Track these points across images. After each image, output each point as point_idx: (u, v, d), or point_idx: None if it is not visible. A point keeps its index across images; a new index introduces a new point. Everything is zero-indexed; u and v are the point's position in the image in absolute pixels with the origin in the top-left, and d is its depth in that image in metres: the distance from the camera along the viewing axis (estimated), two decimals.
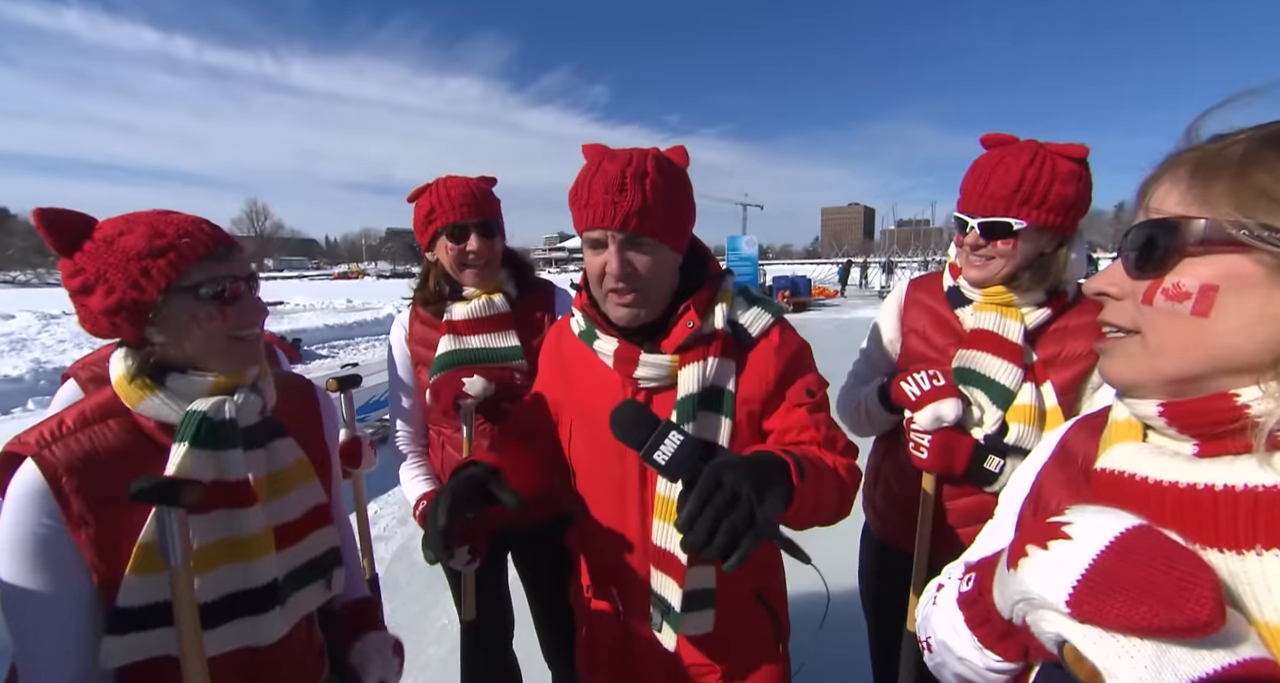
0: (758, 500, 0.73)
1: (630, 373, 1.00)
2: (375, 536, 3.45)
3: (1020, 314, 1.18)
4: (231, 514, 0.87)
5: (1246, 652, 0.39)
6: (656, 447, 0.76)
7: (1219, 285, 0.45)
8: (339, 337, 12.31)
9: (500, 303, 1.46)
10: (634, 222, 0.92)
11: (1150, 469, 0.48)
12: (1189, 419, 0.48)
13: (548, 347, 1.18)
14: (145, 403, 0.84)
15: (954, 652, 0.60)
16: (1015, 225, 1.11)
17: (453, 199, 1.39)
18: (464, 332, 1.44)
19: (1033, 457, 0.71)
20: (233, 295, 0.87)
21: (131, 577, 0.80)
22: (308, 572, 0.97)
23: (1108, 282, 0.54)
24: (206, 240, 0.85)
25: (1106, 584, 0.42)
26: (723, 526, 0.70)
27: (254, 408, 0.91)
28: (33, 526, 0.77)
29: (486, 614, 1.63)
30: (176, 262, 0.82)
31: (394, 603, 2.80)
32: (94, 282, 0.81)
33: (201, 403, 0.85)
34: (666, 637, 1.01)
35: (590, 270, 0.98)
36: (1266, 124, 0.47)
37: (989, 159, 1.16)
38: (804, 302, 17.90)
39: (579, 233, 0.98)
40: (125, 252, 0.80)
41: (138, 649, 0.82)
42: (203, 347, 0.86)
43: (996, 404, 1.16)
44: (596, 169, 0.94)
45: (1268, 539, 0.42)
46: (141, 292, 0.81)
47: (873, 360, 1.45)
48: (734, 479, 0.73)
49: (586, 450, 1.08)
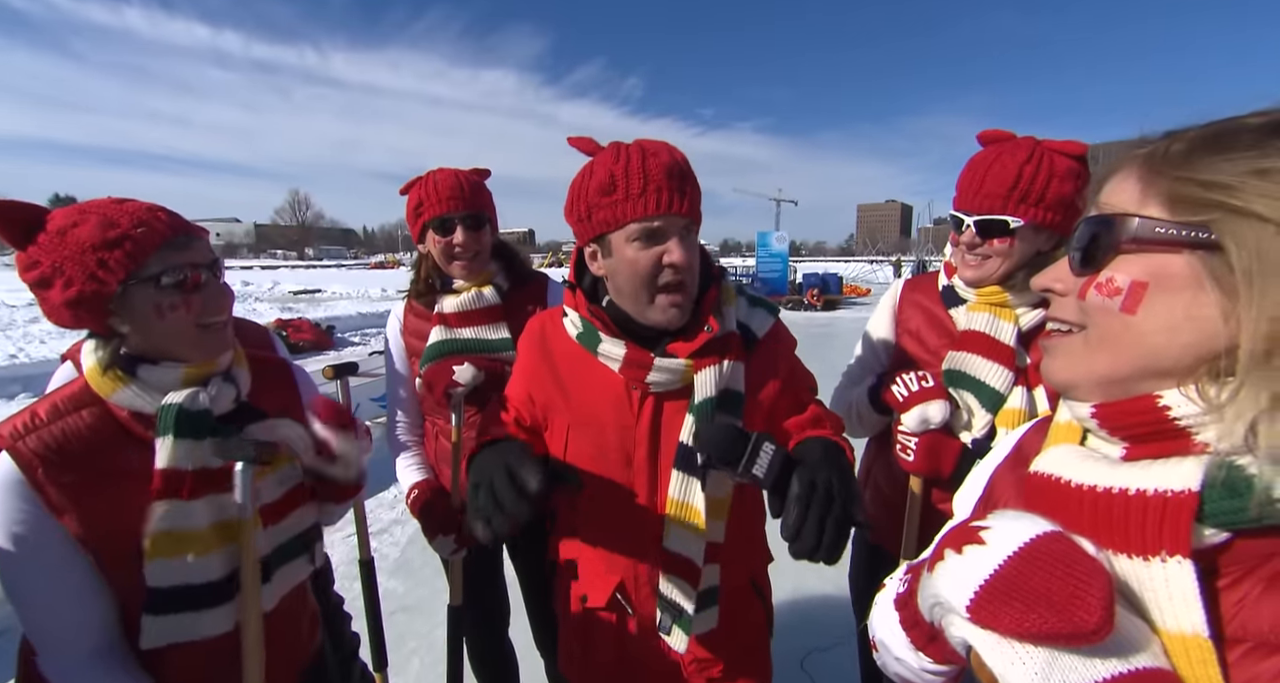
0: (847, 494, 0.76)
1: (641, 378, 0.96)
2: (392, 519, 3.56)
3: (1014, 315, 1.16)
4: (222, 499, 0.88)
5: (1141, 661, 0.39)
6: (754, 461, 0.76)
7: (1148, 283, 0.45)
8: (371, 324, 12.63)
9: (490, 295, 1.47)
10: (697, 208, 0.92)
11: (1074, 472, 0.48)
12: (1116, 421, 0.47)
13: (530, 341, 1.13)
14: (118, 394, 0.84)
15: (891, 652, 0.61)
16: (1012, 223, 1.09)
17: (439, 192, 1.40)
18: (454, 324, 1.45)
19: (991, 455, 0.70)
20: (194, 283, 0.86)
21: (152, 563, 0.83)
22: (291, 547, 1.00)
23: (1054, 277, 0.53)
24: (164, 228, 0.84)
25: (1005, 591, 0.42)
26: (828, 525, 0.73)
27: (228, 396, 0.92)
28: (13, 514, 0.78)
29: (480, 601, 1.67)
30: (133, 251, 0.81)
31: (407, 585, 2.89)
32: (51, 275, 0.80)
33: (176, 395, 0.86)
34: (677, 640, 0.99)
35: (635, 267, 0.92)
36: (1212, 122, 0.46)
37: (986, 156, 1.14)
38: (835, 300, 17.63)
39: (611, 226, 0.92)
40: (80, 243, 0.79)
41: (171, 632, 0.84)
42: (169, 336, 0.86)
43: (986, 408, 1.14)
44: (642, 156, 0.90)
45: (1172, 545, 0.41)
46: (101, 284, 0.80)
47: (865, 361, 1.44)
48: (826, 479, 0.75)
49: (588, 456, 1.02)
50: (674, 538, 0.96)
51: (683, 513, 0.95)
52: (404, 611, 2.67)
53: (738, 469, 0.76)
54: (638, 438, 1.00)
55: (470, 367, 1.37)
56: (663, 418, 0.99)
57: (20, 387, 6.67)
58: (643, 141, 0.94)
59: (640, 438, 0.99)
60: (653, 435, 0.99)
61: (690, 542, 0.95)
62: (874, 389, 1.28)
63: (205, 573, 0.86)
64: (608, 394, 1.01)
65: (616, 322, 0.99)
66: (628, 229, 0.90)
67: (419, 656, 2.38)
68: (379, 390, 1.72)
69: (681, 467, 0.95)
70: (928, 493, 1.25)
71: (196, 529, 0.85)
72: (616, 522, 1.03)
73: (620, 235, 0.92)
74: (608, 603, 1.06)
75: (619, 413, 1.00)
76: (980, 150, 1.17)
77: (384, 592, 2.82)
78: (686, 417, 0.96)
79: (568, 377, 1.05)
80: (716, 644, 1.06)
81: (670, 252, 0.90)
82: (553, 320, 1.11)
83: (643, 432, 0.99)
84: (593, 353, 1.00)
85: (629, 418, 1.00)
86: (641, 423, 0.99)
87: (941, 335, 1.28)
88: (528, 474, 0.77)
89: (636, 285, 0.93)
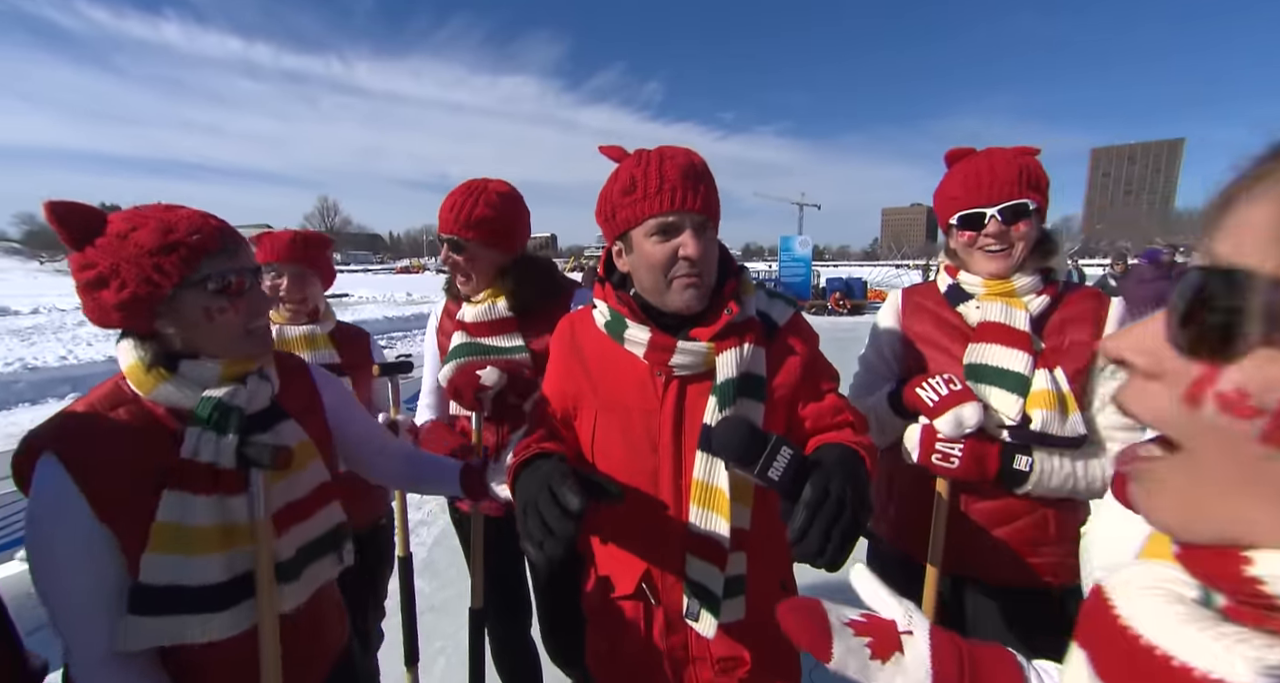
0: (858, 504, 0.76)
1: (665, 361, 1.00)
2: (419, 521, 3.63)
3: (1024, 303, 1.22)
4: (229, 502, 0.89)
5: None
6: (770, 464, 0.76)
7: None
8: (397, 328, 12.86)
9: (501, 308, 1.50)
10: (711, 206, 0.98)
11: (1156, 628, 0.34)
12: (1202, 576, 0.34)
13: (560, 340, 1.17)
14: (159, 390, 0.86)
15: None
16: (1030, 206, 1.18)
17: (442, 211, 1.46)
18: (471, 332, 1.53)
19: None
20: (239, 288, 0.90)
21: (150, 555, 0.82)
22: (319, 546, 1.01)
23: (1135, 346, 0.35)
24: (215, 236, 0.88)
25: None
26: (834, 533, 0.73)
27: (265, 393, 0.95)
28: (57, 514, 0.79)
29: (503, 601, 1.69)
30: (188, 257, 0.84)
31: (433, 586, 2.93)
32: (108, 276, 0.82)
33: (216, 390, 0.88)
34: (705, 625, 1.00)
35: (652, 260, 0.97)
36: None
37: (976, 160, 1.25)
38: (859, 304, 17.44)
39: (632, 224, 0.98)
40: (139, 247, 0.82)
41: (157, 634, 0.83)
42: (216, 338, 0.89)
43: (1016, 393, 1.15)
44: (660, 159, 0.96)
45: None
46: (155, 286, 0.83)
47: (875, 370, 1.43)
48: (839, 488, 0.76)
49: (615, 441, 1.06)
50: (699, 520, 0.98)
51: (707, 495, 0.97)
52: (431, 610, 2.71)
53: (754, 471, 0.76)
54: (662, 421, 1.03)
55: (494, 370, 1.41)
56: (686, 401, 1.02)
57: (70, 387, 6.99)
58: (665, 147, 1.00)
59: (665, 421, 1.02)
60: (677, 419, 1.02)
61: (716, 523, 0.97)
62: (894, 395, 1.27)
63: (202, 575, 0.85)
64: (633, 379, 1.05)
65: (643, 310, 1.04)
66: (646, 225, 0.97)
67: (445, 655, 2.41)
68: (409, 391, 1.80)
69: (705, 448, 0.97)
70: (955, 498, 1.24)
71: (199, 526, 0.86)
72: (642, 506, 1.05)
73: (640, 232, 0.98)
74: (634, 592, 1.08)
75: (644, 397, 1.04)
76: (963, 160, 1.28)
77: None
78: (710, 398, 0.98)
79: (595, 366, 1.09)
80: (746, 641, 1.05)
81: (685, 245, 0.95)
82: (581, 317, 1.16)
83: (667, 415, 1.02)
84: (619, 341, 1.05)
85: (654, 402, 1.03)
86: (666, 407, 1.02)
87: (954, 334, 1.29)
88: (568, 495, 0.80)
89: (655, 277, 0.98)
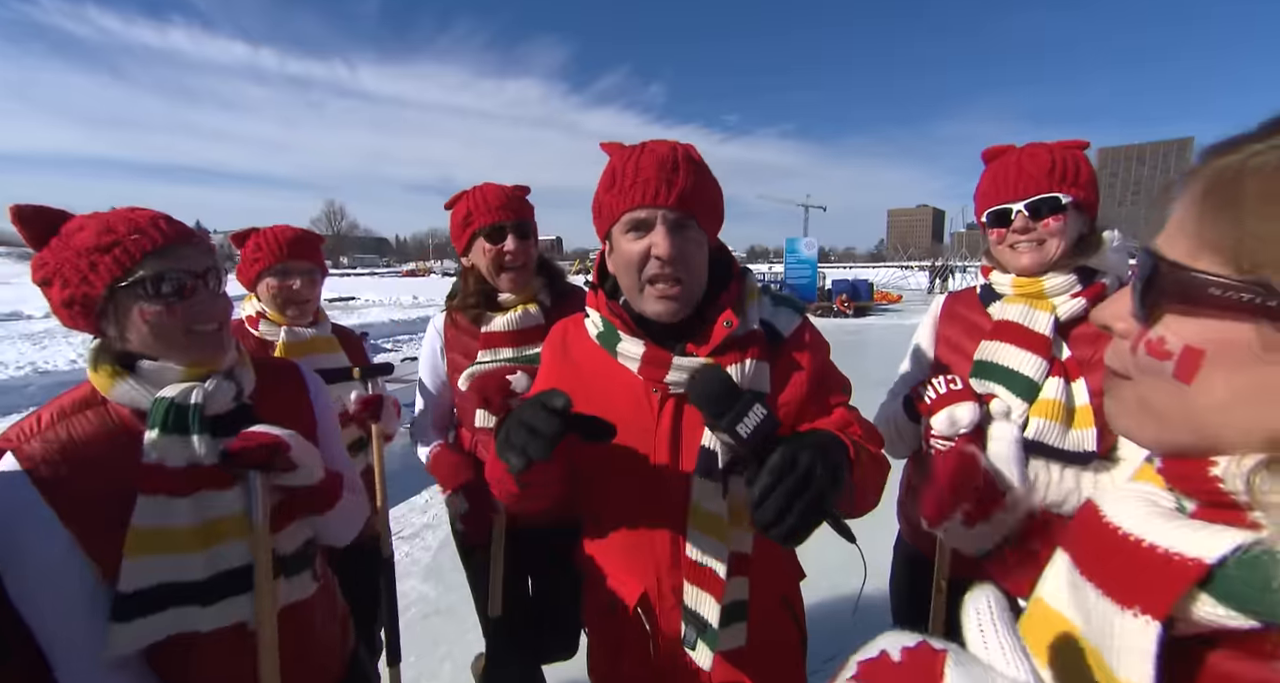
0: (829, 483, 0.72)
1: (660, 378, 0.92)
2: (424, 524, 3.61)
3: (1051, 305, 1.15)
4: (210, 497, 0.88)
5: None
6: (740, 419, 0.73)
7: (1204, 351, 0.37)
8: (403, 331, 12.90)
9: (535, 313, 1.48)
10: (688, 201, 0.89)
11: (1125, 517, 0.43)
12: (1176, 482, 0.42)
13: (552, 347, 1.10)
14: (116, 389, 0.85)
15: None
16: (1063, 199, 1.12)
17: (489, 201, 1.43)
18: (500, 344, 1.46)
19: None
20: (182, 290, 0.87)
21: (129, 562, 0.81)
22: (292, 563, 0.97)
23: (1114, 314, 0.46)
24: (157, 236, 0.85)
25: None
26: (795, 506, 0.69)
27: (226, 394, 0.92)
28: (18, 516, 0.78)
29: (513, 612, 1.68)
30: (120, 257, 0.82)
31: (438, 590, 2.92)
32: (51, 276, 0.82)
33: (170, 389, 0.86)
34: (702, 656, 0.95)
35: (627, 258, 0.92)
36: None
37: (1007, 159, 1.19)
38: (865, 306, 17.37)
39: (613, 220, 0.93)
40: (77, 247, 0.82)
41: (147, 633, 0.83)
42: (153, 340, 0.86)
43: (1020, 397, 1.12)
44: (641, 151, 0.90)
45: (1147, 604, 0.38)
46: (90, 286, 0.82)
47: (909, 378, 1.43)
48: (809, 461, 0.71)
49: (608, 461, 0.98)
50: (696, 546, 0.93)
51: (705, 520, 0.92)
52: (437, 614, 2.70)
53: (721, 423, 0.74)
54: (658, 442, 0.96)
55: (524, 375, 1.37)
56: (683, 421, 0.96)
57: None
58: (653, 141, 0.94)
59: (661, 442, 0.96)
60: (674, 439, 0.96)
61: (713, 550, 0.92)
62: (907, 398, 1.27)
63: (185, 572, 0.85)
64: (627, 395, 0.98)
65: (636, 322, 0.98)
66: (622, 221, 0.91)
67: (451, 659, 2.40)
68: (407, 397, 1.75)
69: (703, 472, 0.92)
70: None
71: (178, 527, 0.85)
72: (638, 529, 1.00)
73: (618, 228, 0.92)
74: (633, 615, 1.03)
75: (639, 416, 0.97)
76: (997, 159, 1.22)
77: (417, 596, 2.87)
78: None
79: (589, 379, 1.02)
80: (746, 666, 1.01)
81: (655, 243, 0.89)
82: (575, 324, 1.10)
83: (663, 435, 0.96)
84: (612, 353, 0.98)
85: (649, 421, 0.97)
86: (662, 426, 0.96)
87: (976, 337, 1.26)
88: (554, 397, 0.77)
89: (630, 277, 0.93)
